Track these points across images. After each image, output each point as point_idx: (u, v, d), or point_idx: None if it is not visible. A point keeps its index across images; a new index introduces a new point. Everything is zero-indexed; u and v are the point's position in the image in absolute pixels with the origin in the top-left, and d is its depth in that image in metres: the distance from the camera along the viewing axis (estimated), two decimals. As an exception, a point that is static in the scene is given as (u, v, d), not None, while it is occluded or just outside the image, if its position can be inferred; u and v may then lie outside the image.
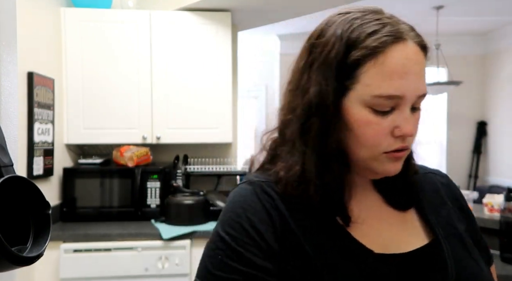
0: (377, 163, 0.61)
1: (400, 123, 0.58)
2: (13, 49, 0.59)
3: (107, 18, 2.38)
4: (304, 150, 0.61)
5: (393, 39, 0.56)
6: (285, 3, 2.39)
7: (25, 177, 0.47)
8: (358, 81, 0.58)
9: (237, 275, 0.56)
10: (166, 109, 2.40)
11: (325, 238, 0.59)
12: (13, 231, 0.45)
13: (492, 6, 3.78)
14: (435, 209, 0.68)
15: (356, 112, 0.58)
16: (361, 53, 0.57)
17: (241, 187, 0.66)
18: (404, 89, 0.56)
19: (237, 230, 0.59)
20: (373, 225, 0.64)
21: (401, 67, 0.56)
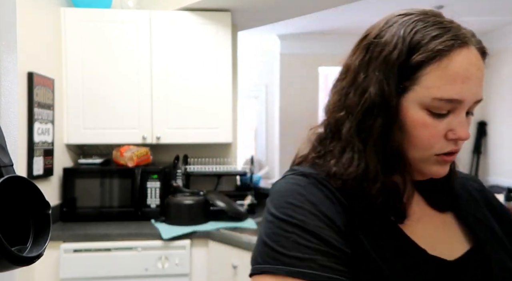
0: (425, 165, 0.61)
1: (455, 127, 0.58)
2: (13, 49, 0.59)
3: (107, 18, 2.38)
4: (362, 149, 0.61)
5: (458, 43, 0.57)
6: (285, 3, 2.39)
7: (25, 177, 0.47)
8: (418, 83, 0.58)
9: (318, 255, 0.54)
10: (166, 109, 2.40)
11: (381, 234, 0.60)
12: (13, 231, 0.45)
13: (492, 6, 3.78)
14: (472, 213, 0.68)
15: (413, 113, 0.59)
16: (424, 55, 0.57)
17: (293, 177, 0.64)
18: (465, 93, 0.57)
19: (305, 215, 0.57)
20: (421, 227, 0.64)
21: (464, 72, 0.56)
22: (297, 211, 0.58)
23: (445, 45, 0.56)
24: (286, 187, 0.62)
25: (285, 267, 0.54)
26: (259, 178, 2.93)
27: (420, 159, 0.61)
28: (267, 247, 0.57)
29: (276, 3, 2.38)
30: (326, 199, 0.60)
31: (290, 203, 0.59)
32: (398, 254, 0.58)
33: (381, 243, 0.59)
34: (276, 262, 0.55)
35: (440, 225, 0.66)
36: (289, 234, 0.56)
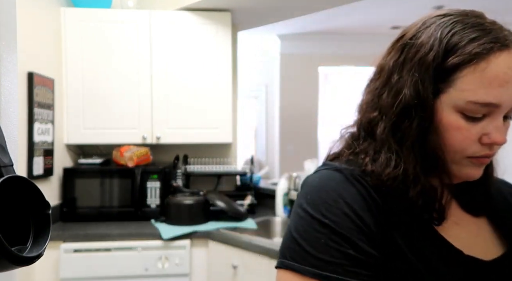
0: (457, 167, 0.61)
1: (490, 131, 0.57)
2: (13, 49, 0.59)
3: (107, 18, 2.38)
4: (399, 150, 0.61)
5: (498, 46, 0.55)
6: (285, 3, 2.39)
7: (25, 177, 0.47)
8: (453, 85, 0.57)
9: (345, 260, 0.55)
10: (166, 109, 2.40)
11: (416, 235, 0.59)
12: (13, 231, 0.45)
13: (492, 6, 3.78)
14: (506, 218, 0.67)
15: (446, 115, 0.58)
16: (461, 58, 0.56)
17: (327, 172, 0.64)
18: (502, 98, 0.55)
19: (338, 215, 0.57)
20: (457, 229, 0.64)
21: (503, 75, 0.55)
22: (330, 210, 0.58)
23: (484, 48, 0.55)
24: (319, 183, 0.62)
25: (311, 269, 0.55)
26: (259, 178, 2.93)
27: (453, 161, 0.60)
28: (297, 245, 0.57)
29: (276, 3, 2.39)
30: (359, 196, 0.59)
31: (324, 200, 0.59)
32: (434, 255, 0.58)
33: (417, 244, 0.58)
34: (304, 262, 0.56)
35: (474, 229, 0.65)
36: (320, 235, 0.56)
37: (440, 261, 0.58)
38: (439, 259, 0.58)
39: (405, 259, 0.57)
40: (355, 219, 0.57)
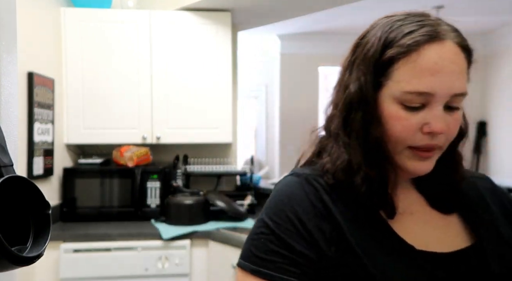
0: (401, 158, 0.62)
1: (429, 120, 0.59)
2: (13, 49, 0.59)
3: (107, 18, 2.38)
4: (348, 142, 0.65)
5: (428, 38, 0.58)
6: (285, 3, 2.39)
7: (25, 177, 0.47)
8: (391, 77, 0.60)
9: (277, 257, 0.60)
10: (166, 109, 2.40)
11: (367, 229, 0.62)
12: (13, 231, 0.45)
13: (492, 6, 3.78)
14: (478, 213, 0.68)
15: (387, 107, 0.61)
16: (395, 51, 0.59)
17: (288, 178, 0.69)
18: (435, 86, 0.58)
19: (281, 218, 0.63)
20: (415, 224, 0.65)
21: (433, 65, 0.58)
22: (277, 214, 0.64)
23: (415, 40, 0.58)
24: (277, 188, 0.68)
25: (251, 265, 0.62)
26: (259, 178, 2.93)
27: (396, 152, 0.62)
28: (247, 244, 0.65)
29: (276, 3, 2.38)
30: (306, 201, 0.64)
31: (275, 205, 0.65)
32: (383, 250, 0.60)
33: (367, 240, 0.60)
34: (247, 259, 0.63)
35: (442, 225, 0.66)
36: (263, 236, 0.63)
37: (388, 256, 0.59)
38: (388, 255, 0.59)
39: (354, 256, 0.59)
40: (296, 222, 0.62)
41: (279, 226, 0.62)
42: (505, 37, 4.56)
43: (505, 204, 0.72)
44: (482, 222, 0.67)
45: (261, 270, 0.60)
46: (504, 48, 4.62)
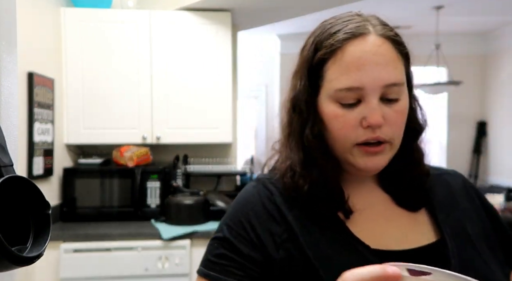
0: (351, 157, 0.63)
1: (366, 114, 0.59)
2: (13, 49, 0.59)
3: (107, 18, 2.38)
4: (290, 146, 0.68)
5: (350, 35, 0.60)
6: (285, 3, 2.39)
7: (25, 177, 0.47)
8: (324, 78, 0.62)
9: (225, 261, 0.63)
10: (166, 109, 2.40)
11: (320, 230, 0.62)
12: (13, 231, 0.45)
13: (492, 6, 3.78)
14: (446, 210, 0.68)
15: (325, 107, 0.63)
16: (323, 52, 0.62)
17: (248, 184, 0.72)
18: (363, 80, 0.58)
19: (235, 223, 0.65)
20: (377, 223, 0.65)
21: (357, 60, 0.59)
22: (231, 219, 0.67)
23: (337, 40, 0.60)
24: (239, 195, 0.71)
25: (203, 269, 0.65)
26: (259, 178, 2.93)
27: (344, 151, 0.63)
28: (206, 250, 0.68)
29: (276, 3, 2.38)
30: (259, 205, 0.66)
31: (232, 209, 0.68)
32: (335, 251, 0.60)
33: (320, 241, 0.61)
34: (202, 264, 0.66)
35: (406, 223, 0.66)
36: (216, 241, 0.66)
37: (341, 256, 0.60)
38: (340, 255, 0.60)
39: (305, 258, 0.59)
40: (247, 226, 0.64)
41: (231, 230, 0.65)
42: (505, 37, 4.56)
43: (474, 200, 0.72)
44: (448, 219, 0.66)
45: (210, 273, 0.63)
46: (504, 48, 4.62)
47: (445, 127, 4.97)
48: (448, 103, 4.93)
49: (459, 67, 4.63)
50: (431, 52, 4.07)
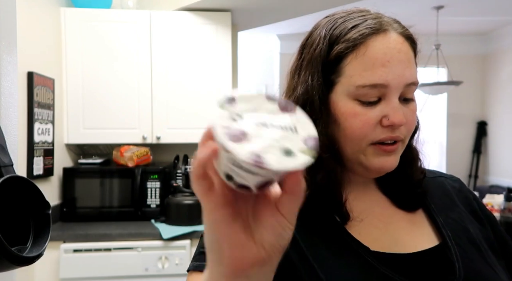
0: (364, 157, 0.60)
1: (388, 113, 0.58)
2: (13, 49, 0.59)
3: (107, 18, 2.38)
4: None
5: (373, 30, 0.58)
6: (285, 3, 2.39)
7: (25, 177, 0.47)
8: (342, 74, 0.59)
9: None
10: (166, 109, 2.40)
11: (319, 232, 0.60)
12: (13, 231, 0.45)
13: (492, 6, 3.78)
14: (444, 212, 0.67)
15: (343, 105, 0.59)
16: (343, 46, 0.59)
17: None
18: (387, 77, 0.57)
19: None
20: (376, 226, 0.63)
21: (383, 56, 0.57)
22: None
23: (360, 33, 0.58)
24: None
25: (193, 263, 0.60)
26: (259, 178, 2.93)
27: (358, 151, 0.60)
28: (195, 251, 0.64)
29: (276, 3, 2.39)
30: None
31: None
32: (334, 254, 0.58)
33: (319, 244, 0.59)
34: (192, 259, 0.61)
35: (406, 226, 0.64)
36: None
37: (340, 259, 0.58)
38: (339, 257, 0.58)
39: (304, 260, 0.57)
40: None
41: None
42: (505, 37, 4.56)
43: (471, 203, 0.71)
44: (447, 220, 0.65)
45: (202, 264, 0.58)
46: (504, 48, 4.62)
47: (445, 127, 4.97)
48: (448, 103, 4.93)
49: (459, 67, 4.63)
50: (431, 52, 4.07)
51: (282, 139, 0.35)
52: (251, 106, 0.37)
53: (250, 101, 0.37)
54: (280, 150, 0.34)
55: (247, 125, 0.35)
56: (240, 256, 0.35)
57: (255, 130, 0.35)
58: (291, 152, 0.34)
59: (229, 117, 0.35)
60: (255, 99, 0.37)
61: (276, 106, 0.38)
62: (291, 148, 0.34)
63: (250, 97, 0.37)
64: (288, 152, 0.34)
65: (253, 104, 0.37)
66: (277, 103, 0.38)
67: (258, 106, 0.37)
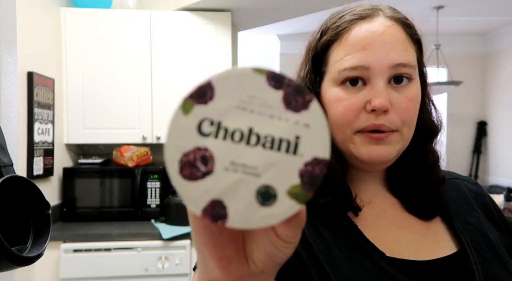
0: (353, 146, 0.58)
1: (371, 97, 0.55)
2: (13, 49, 0.59)
3: (107, 18, 2.38)
4: None
5: (358, 17, 0.58)
6: (285, 3, 2.39)
7: (25, 177, 0.47)
8: (329, 62, 0.60)
9: None
10: (166, 108, 2.40)
11: (332, 234, 0.57)
12: (13, 231, 0.45)
13: (492, 6, 3.78)
14: (462, 217, 0.63)
15: (328, 92, 0.59)
16: (328, 35, 0.60)
17: None
18: (368, 59, 0.55)
19: None
20: (389, 229, 0.60)
21: (363, 39, 0.56)
22: None
23: (344, 22, 0.58)
24: None
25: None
26: (259, 178, 2.93)
27: (345, 140, 0.58)
28: None
29: (276, 3, 2.38)
30: None
31: None
32: (349, 257, 0.56)
33: (332, 247, 0.56)
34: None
35: (420, 231, 0.61)
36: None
37: (354, 263, 0.55)
38: (354, 261, 0.55)
39: (318, 263, 0.55)
40: None
41: None
42: (505, 37, 4.56)
43: (489, 207, 0.68)
44: (466, 226, 0.62)
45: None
46: (504, 48, 4.62)
47: (445, 127, 4.97)
48: (448, 103, 4.93)
49: (459, 67, 4.63)
50: (431, 52, 4.07)
51: (267, 167, 0.24)
52: (239, 98, 0.25)
53: (239, 89, 0.25)
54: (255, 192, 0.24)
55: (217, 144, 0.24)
56: (226, 269, 0.30)
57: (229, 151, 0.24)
58: (271, 195, 0.24)
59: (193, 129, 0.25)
60: (249, 83, 0.25)
61: (279, 98, 0.25)
62: (275, 186, 0.24)
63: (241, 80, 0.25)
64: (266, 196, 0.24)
65: (243, 94, 0.25)
66: (282, 93, 0.25)
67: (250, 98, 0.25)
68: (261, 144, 0.24)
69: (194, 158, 0.24)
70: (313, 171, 0.24)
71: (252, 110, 0.24)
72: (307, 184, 0.24)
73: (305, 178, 0.24)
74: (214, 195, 0.23)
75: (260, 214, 0.23)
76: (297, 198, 0.24)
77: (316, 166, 0.24)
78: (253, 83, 0.25)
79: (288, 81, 0.25)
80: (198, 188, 0.23)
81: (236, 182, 0.23)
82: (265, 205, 0.23)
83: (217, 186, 0.23)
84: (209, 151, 0.24)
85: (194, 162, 0.24)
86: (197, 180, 0.23)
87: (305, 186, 0.24)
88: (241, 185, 0.23)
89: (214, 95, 0.24)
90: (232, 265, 0.30)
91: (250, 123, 0.24)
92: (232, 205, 0.23)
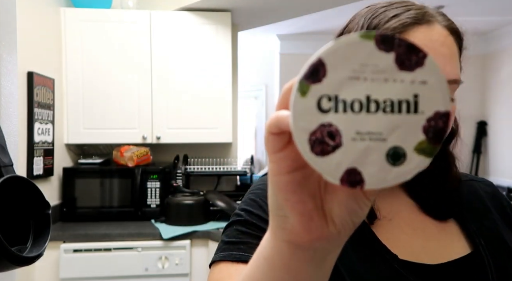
0: None
1: None
2: (13, 49, 0.59)
3: (107, 18, 2.38)
4: None
5: (415, 20, 0.54)
6: (285, 3, 2.39)
7: (25, 177, 0.47)
8: None
9: (251, 239, 0.56)
10: (166, 109, 2.40)
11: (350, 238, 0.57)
12: (13, 231, 0.45)
13: (493, 6, 3.78)
14: (478, 218, 0.63)
15: None
16: None
17: (261, 178, 0.70)
18: None
19: (254, 207, 0.60)
20: (403, 230, 0.60)
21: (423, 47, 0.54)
22: (250, 204, 0.61)
23: (401, 23, 0.54)
24: (254, 184, 0.67)
25: (220, 253, 0.56)
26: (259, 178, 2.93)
27: None
28: (220, 240, 0.61)
29: (276, 3, 2.38)
30: None
31: (247, 197, 0.63)
32: (362, 259, 0.55)
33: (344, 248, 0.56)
34: (217, 252, 0.58)
35: (435, 233, 0.61)
36: (234, 224, 0.60)
37: (367, 264, 0.55)
38: (366, 263, 0.55)
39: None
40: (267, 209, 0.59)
41: (251, 214, 0.59)
42: (505, 37, 4.56)
43: (505, 209, 0.67)
44: (482, 229, 0.61)
45: (232, 253, 0.55)
46: (504, 48, 4.62)
47: (445, 127, 4.97)
48: (448, 103, 4.92)
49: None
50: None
51: (391, 130, 0.25)
52: (351, 68, 0.25)
53: (349, 60, 0.25)
54: (385, 155, 0.25)
55: (339, 118, 0.25)
56: (307, 226, 0.30)
57: (351, 122, 0.25)
58: (400, 155, 0.25)
59: (314, 108, 0.25)
60: (359, 52, 0.25)
61: (391, 60, 0.25)
62: (403, 146, 0.25)
63: (350, 50, 0.25)
64: (396, 157, 0.25)
65: (354, 64, 0.25)
66: (393, 54, 0.25)
67: (362, 66, 0.25)
68: (382, 110, 0.25)
69: (321, 135, 0.25)
70: (436, 125, 0.25)
71: (365, 78, 0.25)
72: (433, 139, 0.25)
73: (430, 133, 0.25)
74: (347, 165, 0.25)
75: (393, 174, 0.25)
76: (425, 153, 0.25)
77: (439, 119, 0.25)
78: (362, 50, 0.25)
79: (399, 41, 0.25)
80: (331, 161, 0.25)
81: (365, 149, 0.24)
82: (396, 165, 0.25)
83: (348, 156, 0.25)
84: (334, 126, 0.25)
85: (322, 139, 0.25)
86: (329, 155, 0.25)
87: (431, 141, 0.25)
88: (370, 151, 0.25)
89: (326, 71, 0.25)
90: (313, 222, 0.30)
91: (367, 91, 0.25)
92: (366, 170, 0.24)
